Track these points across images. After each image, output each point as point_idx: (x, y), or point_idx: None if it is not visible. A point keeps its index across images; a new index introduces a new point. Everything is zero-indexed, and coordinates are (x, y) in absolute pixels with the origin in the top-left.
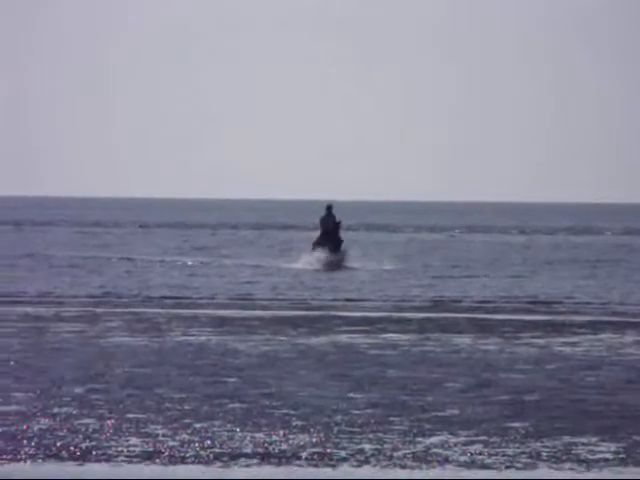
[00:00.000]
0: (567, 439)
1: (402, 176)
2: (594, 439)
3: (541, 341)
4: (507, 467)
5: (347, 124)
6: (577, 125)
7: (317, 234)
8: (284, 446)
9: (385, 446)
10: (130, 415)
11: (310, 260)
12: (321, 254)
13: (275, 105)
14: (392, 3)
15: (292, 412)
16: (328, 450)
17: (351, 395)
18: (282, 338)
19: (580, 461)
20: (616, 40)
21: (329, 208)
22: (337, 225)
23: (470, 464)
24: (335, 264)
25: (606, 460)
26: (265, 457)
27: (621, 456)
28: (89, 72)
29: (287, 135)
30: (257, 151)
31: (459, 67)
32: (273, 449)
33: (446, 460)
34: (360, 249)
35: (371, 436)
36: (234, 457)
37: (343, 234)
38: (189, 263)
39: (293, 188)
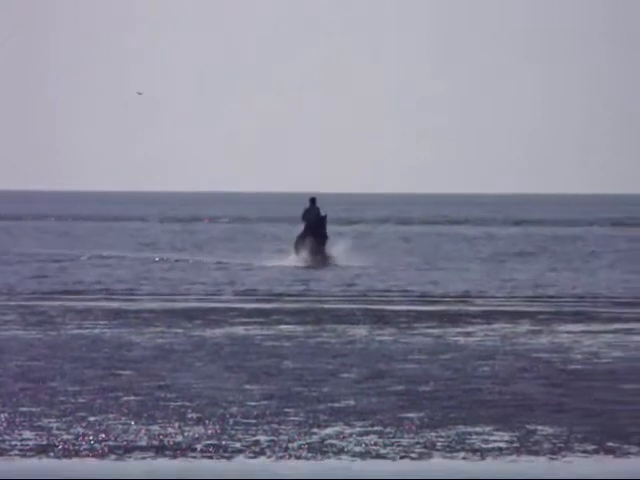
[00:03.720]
0: (461, 428)
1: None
2: (488, 428)
3: (436, 331)
4: (402, 457)
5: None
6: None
7: (300, 228)
8: (179, 438)
9: (281, 437)
10: (23, 409)
11: (293, 257)
12: (304, 252)
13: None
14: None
15: (187, 404)
16: (223, 442)
17: (246, 387)
18: (177, 330)
19: (474, 450)
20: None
21: (312, 201)
22: (322, 219)
23: (365, 454)
24: (319, 261)
25: (500, 449)
26: (160, 449)
27: (515, 445)
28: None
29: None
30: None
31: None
32: (168, 441)
33: (341, 451)
34: (350, 244)
35: (266, 427)
36: (129, 450)
37: (328, 228)
38: (156, 259)
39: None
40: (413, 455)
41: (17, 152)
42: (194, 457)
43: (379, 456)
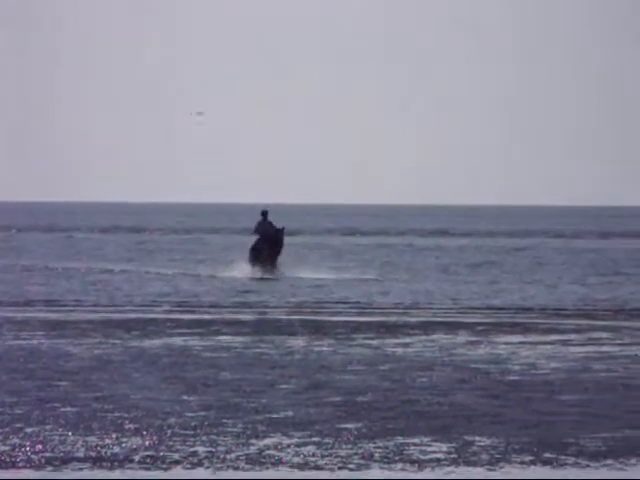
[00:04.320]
0: (400, 439)
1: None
2: (426, 439)
3: (374, 342)
4: (340, 468)
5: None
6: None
7: (253, 240)
8: (116, 449)
9: (219, 448)
10: None
11: (246, 268)
12: (258, 264)
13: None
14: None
15: (125, 415)
16: (161, 453)
17: (184, 398)
18: (115, 341)
19: (412, 461)
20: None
21: (264, 214)
22: (280, 231)
23: (303, 465)
24: (272, 273)
25: (438, 460)
26: (97, 461)
27: (452, 456)
28: None
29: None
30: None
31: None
32: (105, 452)
33: (279, 462)
34: (301, 256)
35: (204, 438)
36: (66, 461)
37: (286, 239)
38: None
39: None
40: (351, 466)
41: None
42: (131, 468)
43: (317, 467)
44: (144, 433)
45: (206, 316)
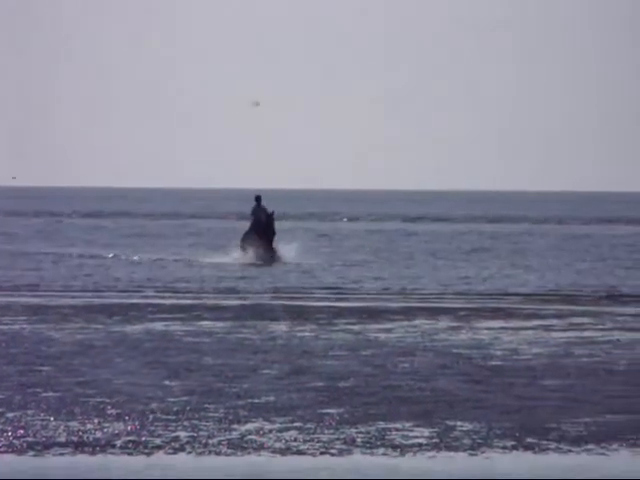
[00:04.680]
0: (381, 424)
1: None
2: (408, 424)
3: (356, 327)
4: (322, 453)
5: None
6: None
7: (247, 225)
8: (98, 434)
9: (200, 433)
10: None
11: (240, 254)
12: (251, 249)
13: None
14: None
15: (107, 400)
16: (143, 438)
17: (166, 383)
18: (97, 326)
19: (394, 446)
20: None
21: (258, 199)
22: (270, 216)
23: (285, 450)
24: (267, 259)
25: (420, 445)
26: (79, 446)
27: (434, 441)
28: None
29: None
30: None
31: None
32: (87, 438)
33: (261, 447)
34: (298, 241)
35: (186, 423)
36: (48, 446)
37: (277, 224)
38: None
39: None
40: (333, 451)
41: None
42: (113, 453)
43: (299, 452)
44: (126, 418)
45: (188, 301)
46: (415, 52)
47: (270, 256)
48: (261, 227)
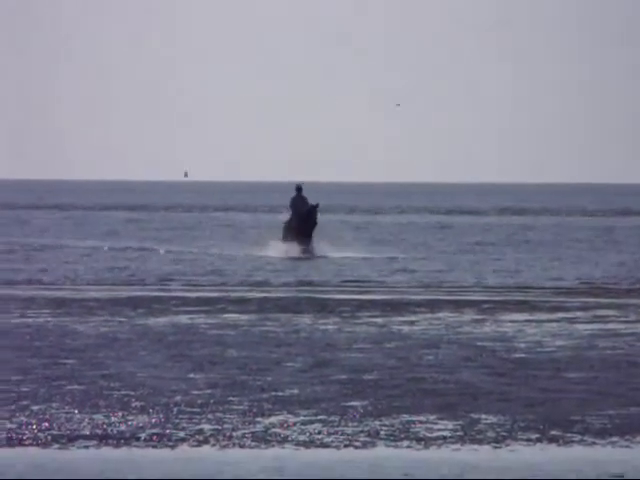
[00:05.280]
0: (405, 417)
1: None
2: (432, 417)
3: (380, 320)
4: (346, 446)
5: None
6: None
7: (287, 217)
8: (123, 427)
9: (225, 426)
10: None
11: (282, 248)
12: (292, 243)
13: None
14: None
15: (131, 393)
16: (167, 431)
17: (190, 375)
18: (121, 319)
19: (418, 439)
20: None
21: (299, 189)
22: (314, 208)
23: (309, 443)
24: (306, 252)
25: (444, 437)
26: (104, 438)
27: (459, 433)
28: None
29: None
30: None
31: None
32: (112, 430)
33: (285, 439)
34: (336, 234)
35: (210, 416)
36: (72, 439)
37: (320, 216)
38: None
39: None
40: (357, 444)
41: None
42: (138, 446)
43: (323, 445)
44: (150, 411)
45: (212, 294)
46: (415, 52)
47: (307, 249)
48: (302, 218)
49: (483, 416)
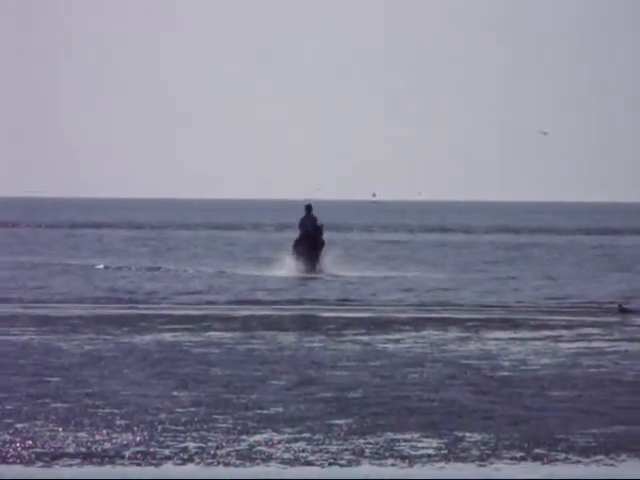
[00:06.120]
0: (390, 435)
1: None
2: (417, 435)
3: (365, 338)
4: (330, 464)
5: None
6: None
7: (295, 236)
8: (107, 445)
9: (209, 444)
10: None
11: (289, 267)
12: (299, 262)
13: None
14: None
15: (115, 411)
16: (152, 449)
17: (175, 393)
18: (106, 337)
19: (403, 457)
20: None
21: (308, 208)
22: (319, 229)
23: (294, 461)
24: (312, 271)
25: (428, 456)
26: (88, 456)
27: (443, 452)
28: None
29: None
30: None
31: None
32: (96, 448)
33: (270, 458)
34: (344, 254)
35: (195, 434)
36: (56, 457)
37: (325, 235)
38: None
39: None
40: (342, 462)
41: None
42: (122, 464)
43: (308, 463)
44: (135, 429)
45: (196, 312)
46: (415, 52)
47: (314, 268)
48: (310, 238)
49: (467, 434)
